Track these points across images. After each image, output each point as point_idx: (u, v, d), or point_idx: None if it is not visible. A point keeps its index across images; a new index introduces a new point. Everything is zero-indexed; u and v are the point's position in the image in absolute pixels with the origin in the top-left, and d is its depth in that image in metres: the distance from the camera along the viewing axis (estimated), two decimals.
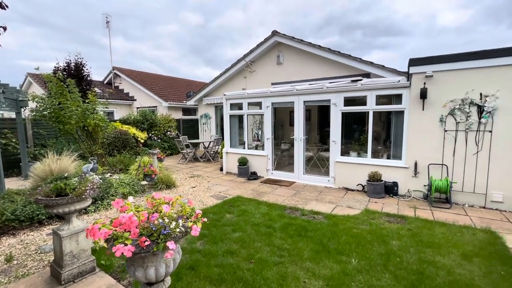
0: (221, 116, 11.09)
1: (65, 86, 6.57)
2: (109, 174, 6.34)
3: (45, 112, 6.40)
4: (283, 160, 8.20)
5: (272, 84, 9.21)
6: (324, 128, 9.55)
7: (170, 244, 1.27)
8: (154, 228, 1.30)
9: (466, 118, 4.61)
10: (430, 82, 4.82)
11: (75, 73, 10.80)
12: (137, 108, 14.57)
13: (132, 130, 9.88)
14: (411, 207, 4.64)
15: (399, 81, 5.25)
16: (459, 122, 4.68)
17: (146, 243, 1.28)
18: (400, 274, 2.65)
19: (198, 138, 12.92)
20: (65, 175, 4.07)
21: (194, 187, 6.23)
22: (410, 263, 2.85)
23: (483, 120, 4.49)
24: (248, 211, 4.49)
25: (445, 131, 4.80)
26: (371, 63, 7.36)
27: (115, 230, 1.35)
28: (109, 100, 10.09)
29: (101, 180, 3.75)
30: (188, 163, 9.41)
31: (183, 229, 1.37)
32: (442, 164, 4.87)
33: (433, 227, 3.76)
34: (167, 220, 1.35)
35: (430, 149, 4.95)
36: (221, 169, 7.96)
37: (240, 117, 7.78)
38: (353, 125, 8.03)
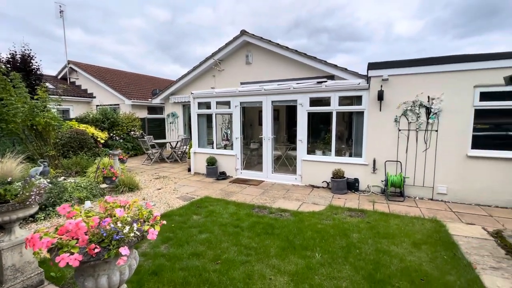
0: (189, 115, 10.78)
1: (9, 80, 5.86)
2: (63, 177, 5.80)
3: None
4: (252, 160, 8.25)
5: (241, 83, 9.21)
6: (292, 128, 9.78)
7: (123, 250, 1.20)
8: (105, 234, 1.21)
9: (416, 118, 5.06)
10: (386, 85, 5.19)
11: (21, 66, 9.69)
12: (97, 106, 13.56)
13: (91, 130, 9.17)
14: (370, 202, 4.96)
15: (359, 83, 5.58)
16: (410, 122, 5.12)
17: (96, 250, 1.19)
18: (359, 264, 2.82)
19: (164, 138, 12.42)
20: (9, 180, 3.63)
21: (159, 189, 5.97)
22: (368, 253, 3.05)
23: (430, 120, 4.96)
24: (216, 211, 4.43)
25: (399, 130, 5.22)
26: (335, 66, 7.71)
27: (60, 239, 1.23)
28: (63, 97, 9.19)
29: (50, 184, 3.41)
30: (153, 164, 9.00)
31: (138, 233, 1.30)
32: (397, 161, 5.29)
33: (388, 219, 4.07)
34: (120, 225, 1.27)
35: (386, 147, 5.35)
36: (189, 170, 7.76)
37: (209, 116, 7.65)
38: (319, 125, 8.35)
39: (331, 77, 7.80)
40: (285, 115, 10.78)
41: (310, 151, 6.37)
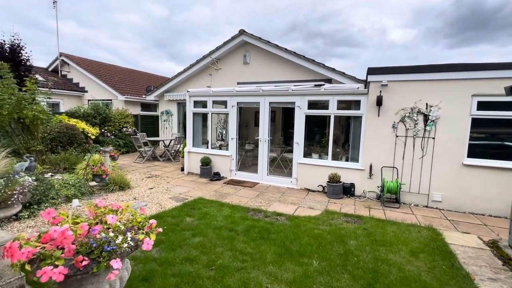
0: (184, 114, 10.60)
1: None
2: (50, 173, 5.57)
3: None
4: (247, 161, 8.14)
5: (238, 83, 9.09)
6: (288, 130, 9.74)
7: (115, 263, 1.07)
8: (94, 244, 1.09)
9: (414, 125, 5.06)
10: (385, 91, 5.17)
11: (10, 56, 9.31)
12: (89, 100, 13.20)
13: (81, 125, 8.88)
14: (366, 207, 4.92)
15: (358, 88, 5.55)
16: (408, 129, 5.11)
17: (84, 263, 1.06)
18: (357, 273, 2.75)
19: (158, 135, 12.19)
20: None
21: (151, 188, 5.80)
22: (366, 262, 2.98)
23: (427, 127, 4.96)
24: (210, 213, 4.31)
25: (397, 136, 5.20)
26: (333, 69, 7.69)
27: (43, 248, 1.10)
28: (53, 90, 8.90)
29: (35, 182, 3.23)
30: (145, 162, 8.78)
31: (132, 244, 1.18)
32: (393, 167, 5.27)
33: (385, 226, 4.02)
34: (112, 234, 1.14)
35: (383, 153, 5.32)
36: (182, 169, 7.59)
37: (204, 116, 7.51)
38: (315, 128, 8.31)
39: (329, 80, 7.77)
40: (281, 117, 10.71)
41: (307, 154, 6.31)
